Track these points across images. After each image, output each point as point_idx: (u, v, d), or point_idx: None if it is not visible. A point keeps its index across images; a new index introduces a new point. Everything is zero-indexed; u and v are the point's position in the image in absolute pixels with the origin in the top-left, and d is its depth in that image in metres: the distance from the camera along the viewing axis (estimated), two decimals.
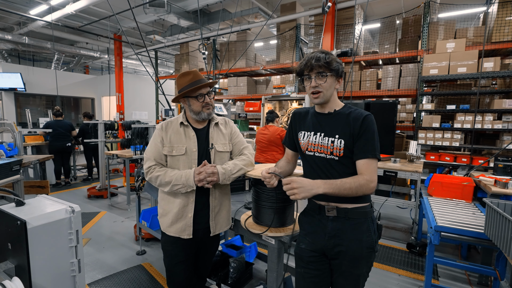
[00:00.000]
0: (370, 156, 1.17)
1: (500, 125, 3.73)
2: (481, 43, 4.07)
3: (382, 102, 4.39)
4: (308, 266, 1.29)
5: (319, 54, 1.20)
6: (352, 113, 1.23)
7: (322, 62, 1.18)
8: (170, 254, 1.58)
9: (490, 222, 1.73)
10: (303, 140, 1.33)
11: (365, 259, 1.20)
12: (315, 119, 1.31)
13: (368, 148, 1.17)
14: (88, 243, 3.19)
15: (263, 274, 2.45)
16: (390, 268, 2.73)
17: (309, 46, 5.81)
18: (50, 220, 1.07)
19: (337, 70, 1.21)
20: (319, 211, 1.26)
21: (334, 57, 1.22)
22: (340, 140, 1.21)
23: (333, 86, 1.24)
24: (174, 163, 1.52)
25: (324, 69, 1.19)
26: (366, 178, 1.14)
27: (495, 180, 2.60)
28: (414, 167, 3.22)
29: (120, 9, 6.16)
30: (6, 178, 2.59)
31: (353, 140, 1.19)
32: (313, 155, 1.27)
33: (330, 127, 1.25)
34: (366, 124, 1.18)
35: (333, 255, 1.23)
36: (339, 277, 1.24)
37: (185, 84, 1.52)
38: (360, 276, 1.22)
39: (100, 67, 13.94)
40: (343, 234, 1.20)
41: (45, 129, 5.33)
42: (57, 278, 1.10)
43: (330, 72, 1.20)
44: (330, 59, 1.19)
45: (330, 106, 1.28)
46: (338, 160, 1.21)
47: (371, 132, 1.18)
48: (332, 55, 1.22)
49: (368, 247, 1.19)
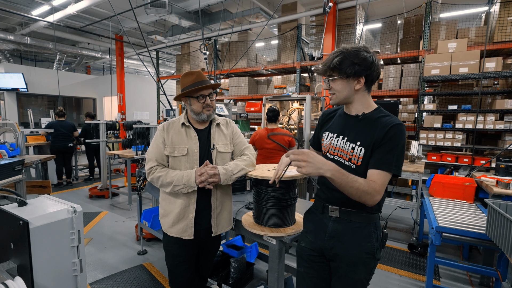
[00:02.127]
0: (385, 169, 1.07)
1: (502, 125, 3.71)
2: (483, 43, 4.05)
3: (384, 102, 4.38)
4: (308, 266, 1.28)
5: (331, 55, 1.15)
6: (382, 119, 1.14)
7: (328, 65, 1.15)
8: (172, 254, 1.59)
9: (491, 223, 1.72)
10: (325, 141, 1.28)
11: (363, 265, 1.16)
12: (341, 120, 1.25)
13: (387, 161, 1.07)
14: (89, 243, 3.20)
15: (264, 274, 2.45)
16: (391, 269, 2.72)
17: (310, 46, 5.81)
18: (52, 220, 1.07)
19: (349, 72, 1.12)
20: (322, 210, 1.25)
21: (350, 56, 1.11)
22: (360, 148, 1.13)
23: (348, 88, 1.15)
24: (175, 164, 1.52)
25: (331, 72, 1.16)
26: (375, 188, 1.05)
27: (496, 180, 2.59)
28: (415, 167, 3.21)
29: (121, 9, 6.17)
30: (9, 178, 2.60)
31: (372, 149, 1.11)
32: (332, 158, 1.22)
33: (355, 131, 1.17)
34: (392, 134, 1.08)
35: (331, 256, 1.21)
36: (337, 280, 1.22)
37: (187, 84, 1.52)
38: (358, 282, 1.18)
39: (101, 67, 13.97)
40: (342, 236, 1.18)
41: (47, 129, 5.35)
42: (59, 277, 1.11)
43: (338, 74, 1.14)
44: (338, 61, 1.12)
45: (356, 107, 1.20)
46: (354, 168, 1.15)
47: (395, 144, 1.08)
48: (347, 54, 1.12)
49: (368, 252, 1.15)
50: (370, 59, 1.12)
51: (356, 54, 1.12)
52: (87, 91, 11.07)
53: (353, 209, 1.17)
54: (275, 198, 1.47)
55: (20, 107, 9.27)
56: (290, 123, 4.94)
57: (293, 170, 1.53)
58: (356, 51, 1.13)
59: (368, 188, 1.04)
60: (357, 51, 1.12)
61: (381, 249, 1.21)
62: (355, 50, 1.13)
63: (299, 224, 1.54)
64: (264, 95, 5.84)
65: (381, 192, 1.07)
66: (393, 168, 1.08)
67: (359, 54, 1.12)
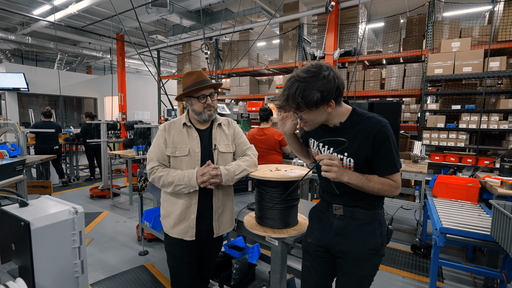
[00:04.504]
0: (393, 172, 1.13)
1: (506, 125, 3.68)
2: (486, 42, 4.02)
3: (386, 102, 4.36)
4: (313, 260, 1.31)
5: (289, 90, 1.04)
6: (362, 124, 1.12)
7: (291, 104, 1.06)
8: (173, 255, 1.57)
9: (496, 224, 1.70)
10: (313, 148, 1.30)
11: (368, 261, 1.19)
12: (322, 131, 1.23)
13: (389, 164, 1.12)
14: (90, 243, 3.19)
15: (266, 275, 2.44)
16: (394, 270, 2.71)
17: (312, 45, 5.79)
18: (54, 221, 1.06)
19: (317, 103, 1.02)
20: (327, 208, 1.27)
21: (311, 85, 1.01)
22: (349, 159, 1.15)
23: (320, 114, 1.09)
24: (177, 164, 1.51)
25: (296, 110, 1.07)
26: (393, 185, 1.13)
27: (501, 181, 2.56)
28: (418, 167, 3.19)
29: (122, 9, 6.17)
30: (10, 178, 2.59)
31: (365, 158, 1.13)
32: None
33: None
34: (380, 139, 1.09)
35: (337, 253, 1.24)
36: (342, 276, 1.25)
37: (188, 84, 1.51)
38: (363, 278, 1.21)
39: (102, 67, 13.99)
40: (347, 233, 1.20)
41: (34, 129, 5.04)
42: (60, 279, 1.10)
43: (306, 108, 1.05)
44: (301, 96, 1.01)
45: (332, 121, 1.17)
46: None
47: (388, 145, 1.10)
48: (307, 84, 1.01)
49: (372, 248, 1.17)
50: (331, 78, 1.03)
51: (315, 80, 1.02)
52: (88, 91, 11.09)
53: (356, 207, 1.19)
54: (278, 199, 1.46)
55: (21, 107, 9.30)
56: None
57: (296, 171, 1.52)
58: (313, 77, 1.02)
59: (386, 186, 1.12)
60: (314, 77, 1.02)
61: (385, 244, 1.23)
62: (312, 77, 1.02)
63: (302, 225, 1.53)
64: (265, 95, 5.83)
65: (400, 186, 1.16)
66: (398, 166, 1.14)
67: (319, 79, 1.01)
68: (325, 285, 1.33)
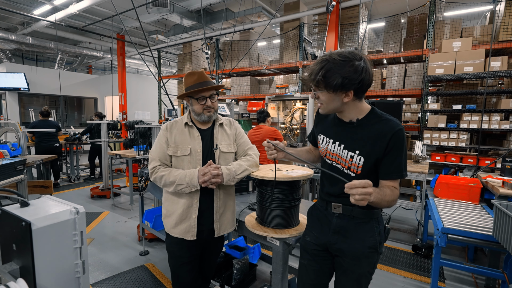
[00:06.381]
0: (398, 177, 1.12)
1: (507, 125, 3.67)
2: (488, 42, 4.01)
3: (387, 102, 4.35)
4: (311, 259, 1.31)
5: (316, 65, 1.06)
6: (379, 125, 1.11)
7: (312, 78, 1.08)
8: (175, 255, 1.57)
9: (498, 224, 1.70)
10: (322, 145, 1.28)
11: (366, 259, 1.19)
12: (335, 125, 1.22)
13: (397, 168, 1.10)
14: (91, 243, 3.19)
15: (267, 275, 2.43)
16: (395, 270, 2.70)
17: (312, 45, 5.78)
18: (55, 221, 1.06)
19: (335, 86, 1.02)
20: (326, 207, 1.27)
21: (336, 68, 1.01)
22: (359, 157, 1.13)
23: (335, 100, 1.09)
24: (178, 164, 1.51)
25: (315, 87, 1.10)
26: (397, 194, 1.10)
27: (502, 181, 2.56)
28: (419, 167, 3.19)
29: (123, 9, 6.17)
30: (10, 178, 2.59)
31: (376, 160, 1.11)
32: (331, 164, 1.24)
33: (351, 139, 1.15)
34: (394, 142, 1.08)
35: (335, 251, 1.24)
36: (341, 275, 1.25)
37: (190, 84, 1.52)
38: (362, 276, 1.21)
39: (103, 67, 13.98)
40: (346, 232, 1.20)
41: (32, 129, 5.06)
42: (62, 279, 1.09)
43: (324, 88, 1.07)
44: (323, 74, 1.03)
45: (349, 115, 1.15)
46: (354, 177, 1.14)
47: (399, 150, 1.09)
48: (333, 65, 1.02)
49: (370, 246, 1.18)
50: (360, 69, 1.01)
51: (342, 65, 1.01)
52: (89, 90, 11.08)
53: (355, 206, 1.18)
54: (279, 199, 1.45)
55: (21, 106, 9.30)
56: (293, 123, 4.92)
57: (297, 171, 1.51)
58: (343, 61, 1.01)
59: (395, 197, 1.09)
60: (343, 62, 1.01)
61: (383, 243, 1.23)
62: (342, 61, 1.01)
63: (303, 225, 1.52)
64: (266, 95, 5.81)
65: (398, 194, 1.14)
66: (404, 173, 1.13)
67: (346, 65, 1.01)
68: (322, 284, 1.33)
